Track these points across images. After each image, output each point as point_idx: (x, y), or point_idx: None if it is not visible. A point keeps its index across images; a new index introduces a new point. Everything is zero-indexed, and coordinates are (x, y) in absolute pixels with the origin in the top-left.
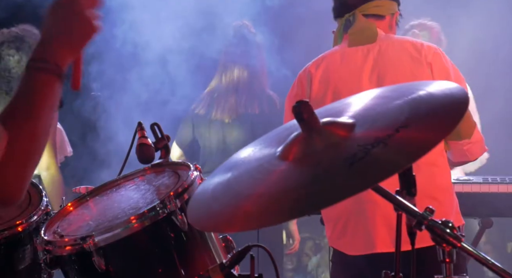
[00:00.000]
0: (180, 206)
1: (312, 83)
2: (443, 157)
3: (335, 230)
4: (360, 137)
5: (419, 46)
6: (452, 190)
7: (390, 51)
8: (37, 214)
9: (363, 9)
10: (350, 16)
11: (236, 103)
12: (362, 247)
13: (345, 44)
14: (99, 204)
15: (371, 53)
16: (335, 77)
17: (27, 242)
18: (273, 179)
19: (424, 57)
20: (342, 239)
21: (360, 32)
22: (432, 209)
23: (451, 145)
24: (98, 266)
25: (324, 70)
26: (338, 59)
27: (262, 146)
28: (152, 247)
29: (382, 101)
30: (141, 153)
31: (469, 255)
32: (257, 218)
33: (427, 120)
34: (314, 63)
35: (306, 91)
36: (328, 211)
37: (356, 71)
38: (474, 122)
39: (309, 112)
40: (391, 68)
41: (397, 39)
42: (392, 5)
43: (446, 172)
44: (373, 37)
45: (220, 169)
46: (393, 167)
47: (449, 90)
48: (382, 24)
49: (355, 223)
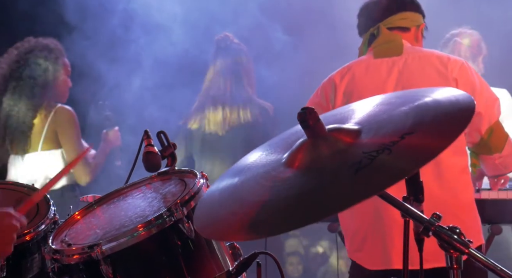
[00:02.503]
0: (186, 214)
1: (336, 93)
2: (465, 174)
3: (353, 242)
4: (365, 144)
5: (445, 60)
6: (474, 207)
7: (415, 64)
8: (44, 223)
9: (387, 22)
10: (374, 30)
11: (227, 115)
12: (379, 262)
13: (371, 55)
14: (106, 213)
15: (396, 65)
16: (360, 88)
17: (35, 251)
18: (279, 186)
19: (450, 71)
20: (360, 252)
21: (385, 44)
22: (439, 215)
23: (482, 159)
24: (105, 274)
25: (349, 81)
26: (363, 70)
27: (269, 152)
28: (159, 255)
29: (387, 108)
30: (147, 161)
31: (477, 262)
32: (263, 226)
33: (432, 127)
34: (339, 73)
35: (331, 101)
36: (347, 223)
37: (380, 83)
38: (506, 134)
39: (315, 119)
40: (416, 81)
41: (423, 52)
42: (417, 17)
43: (468, 189)
44: (398, 49)
45: (226, 174)
46: (399, 174)
47: (454, 97)
48: (408, 36)
49: (373, 237)
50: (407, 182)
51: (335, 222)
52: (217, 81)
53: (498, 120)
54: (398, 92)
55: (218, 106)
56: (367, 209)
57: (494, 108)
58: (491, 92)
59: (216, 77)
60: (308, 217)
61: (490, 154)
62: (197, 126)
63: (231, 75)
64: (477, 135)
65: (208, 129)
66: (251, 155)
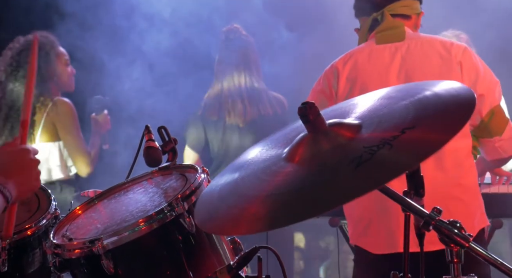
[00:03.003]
0: (187, 209)
1: (339, 80)
2: (469, 158)
3: (357, 227)
4: (366, 138)
5: (448, 45)
6: (477, 190)
7: (418, 49)
8: (46, 218)
9: (390, 8)
10: (378, 15)
11: (247, 107)
12: (386, 246)
13: (373, 42)
14: (108, 207)
15: (399, 51)
16: (363, 74)
17: (36, 246)
18: (280, 181)
19: (454, 56)
20: (365, 237)
21: (388, 31)
22: (439, 209)
23: (482, 142)
24: (107, 269)
25: (352, 67)
26: (366, 56)
27: (269, 147)
28: (160, 250)
29: (388, 102)
30: (148, 156)
31: (477, 256)
32: (263, 220)
33: (433, 121)
34: (341, 60)
35: (333, 87)
36: (350, 209)
37: (383, 69)
38: (507, 119)
39: (315, 114)
40: (419, 66)
41: (426, 37)
42: (416, 5)
43: (472, 173)
44: (401, 35)
45: (227, 169)
46: (399, 168)
47: (455, 90)
48: (409, 23)
49: (378, 221)
50: (407, 176)
51: (336, 217)
52: (230, 73)
53: (499, 104)
54: (398, 86)
55: (236, 98)
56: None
57: (496, 91)
58: (493, 75)
59: (227, 69)
60: (308, 211)
61: (490, 137)
62: (216, 118)
63: (243, 67)
64: (478, 118)
65: (229, 121)
66: (251, 150)
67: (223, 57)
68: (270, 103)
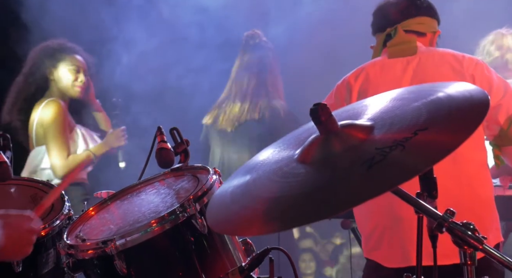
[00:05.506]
0: (199, 210)
1: (351, 93)
2: (484, 169)
3: (370, 241)
4: (378, 140)
5: (460, 58)
6: (493, 204)
7: (430, 62)
8: (59, 219)
9: (405, 25)
10: (392, 30)
11: (240, 112)
12: (399, 260)
13: (385, 56)
14: (120, 208)
15: (411, 64)
16: (374, 87)
17: (50, 247)
18: (291, 182)
19: (466, 69)
20: (377, 250)
21: (400, 45)
22: (452, 211)
23: (505, 151)
24: (119, 269)
25: (364, 81)
26: (378, 70)
27: (281, 148)
28: (172, 251)
29: (400, 104)
30: (160, 157)
31: (491, 258)
32: (275, 222)
33: (446, 123)
34: (353, 74)
35: (345, 101)
36: (363, 223)
37: (395, 81)
38: None
39: (327, 115)
40: (431, 78)
41: (438, 51)
42: (433, 23)
43: (487, 185)
44: (413, 49)
45: (239, 171)
46: (412, 170)
47: (468, 92)
48: (423, 40)
49: (390, 235)
50: (420, 178)
51: (348, 219)
52: (241, 77)
53: None
54: (411, 87)
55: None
56: (382, 208)
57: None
58: (509, 87)
59: (240, 73)
60: (320, 213)
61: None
62: (211, 122)
63: (256, 72)
64: (496, 127)
65: (220, 126)
66: (263, 152)
67: (240, 61)
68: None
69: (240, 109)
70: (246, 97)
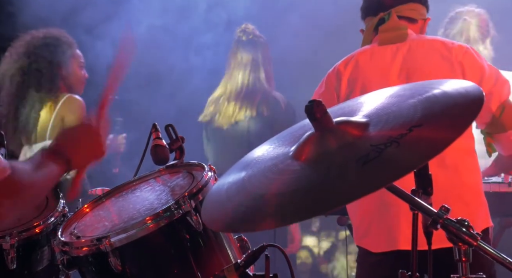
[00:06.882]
0: (194, 207)
1: (341, 81)
2: (471, 157)
3: (359, 229)
4: (373, 136)
5: (449, 45)
6: (480, 190)
7: (419, 49)
8: (54, 216)
9: (398, 10)
10: (386, 15)
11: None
12: (385, 244)
13: (376, 44)
14: (115, 205)
15: (400, 51)
16: (364, 74)
17: (44, 244)
18: (287, 179)
19: (454, 56)
20: (366, 237)
21: (391, 30)
22: (447, 208)
23: (497, 138)
24: (114, 266)
25: (353, 68)
26: (367, 57)
27: (276, 145)
28: (167, 248)
29: (395, 100)
30: (156, 154)
31: (486, 255)
32: (270, 218)
33: (440, 120)
34: (343, 62)
35: (336, 90)
36: (353, 212)
37: (384, 69)
38: None
39: (322, 112)
40: (420, 66)
41: (427, 38)
42: (423, 10)
43: (474, 172)
44: (403, 36)
45: (234, 168)
46: (406, 167)
47: (463, 89)
48: (414, 27)
49: (378, 222)
50: (415, 174)
51: (344, 215)
52: (236, 74)
53: (508, 98)
54: (407, 85)
55: (231, 100)
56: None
57: (504, 88)
58: (500, 75)
59: (235, 69)
60: (315, 209)
61: (504, 131)
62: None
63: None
64: (488, 115)
65: (216, 123)
66: (258, 149)
67: (234, 57)
68: (267, 106)
69: (235, 106)
70: (241, 95)
